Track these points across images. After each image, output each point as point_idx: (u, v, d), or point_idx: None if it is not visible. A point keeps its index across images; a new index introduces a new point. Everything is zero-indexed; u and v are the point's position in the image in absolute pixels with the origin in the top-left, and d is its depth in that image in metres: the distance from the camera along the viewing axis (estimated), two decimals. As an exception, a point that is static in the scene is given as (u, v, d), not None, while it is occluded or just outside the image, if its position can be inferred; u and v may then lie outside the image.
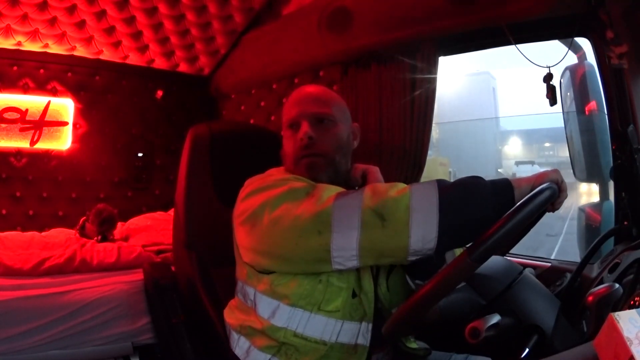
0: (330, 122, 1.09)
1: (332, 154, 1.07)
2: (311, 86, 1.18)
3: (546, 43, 1.67)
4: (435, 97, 1.89)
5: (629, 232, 1.27)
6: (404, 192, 0.87)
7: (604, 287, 0.74)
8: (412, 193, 0.86)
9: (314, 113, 1.08)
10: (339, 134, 1.09)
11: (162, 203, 2.96)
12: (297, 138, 1.07)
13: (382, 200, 0.86)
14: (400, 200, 0.85)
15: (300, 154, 1.06)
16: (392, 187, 0.89)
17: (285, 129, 1.11)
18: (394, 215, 0.85)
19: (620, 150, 1.37)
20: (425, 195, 0.85)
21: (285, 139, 1.11)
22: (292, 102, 1.12)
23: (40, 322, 1.85)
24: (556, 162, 18.25)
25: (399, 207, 0.85)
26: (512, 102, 19.86)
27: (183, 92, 3.11)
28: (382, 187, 0.90)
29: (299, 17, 2.31)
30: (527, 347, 0.78)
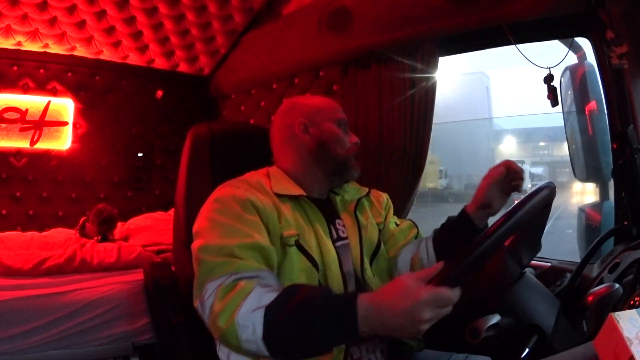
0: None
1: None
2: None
3: (546, 43, 1.67)
4: (435, 97, 1.89)
5: (629, 232, 1.27)
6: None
7: (604, 287, 0.74)
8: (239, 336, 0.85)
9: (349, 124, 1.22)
10: None
11: (162, 203, 2.96)
12: (350, 139, 1.18)
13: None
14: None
15: (351, 153, 1.17)
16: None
17: (338, 124, 1.18)
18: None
19: (620, 150, 1.37)
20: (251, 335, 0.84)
21: (337, 131, 1.17)
22: (339, 107, 1.22)
23: (40, 322, 1.86)
24: (550, 161, 18.27)
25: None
26: (506, 101, 19.85)
27: (183, 92, 3.11)
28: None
29: (299, 17, 2.31)
30: (527, 347, 0.78)
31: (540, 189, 0.87)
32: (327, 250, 1.05)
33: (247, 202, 0.99)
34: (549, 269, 1.54)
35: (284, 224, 1.02)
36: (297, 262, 1.00)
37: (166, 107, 3.10)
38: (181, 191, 1.50)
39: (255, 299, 0.84)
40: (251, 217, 0.97)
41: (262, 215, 0.99)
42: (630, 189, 1.31)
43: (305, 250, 1.02)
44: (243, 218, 0.97)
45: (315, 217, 1.09)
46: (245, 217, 0.97)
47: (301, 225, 1.05)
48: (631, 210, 1.29)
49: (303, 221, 1.06)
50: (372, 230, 1.18)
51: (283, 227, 1.01)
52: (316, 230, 1.07)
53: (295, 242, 1.01)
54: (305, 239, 1.04)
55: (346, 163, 1.16)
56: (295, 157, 1.16)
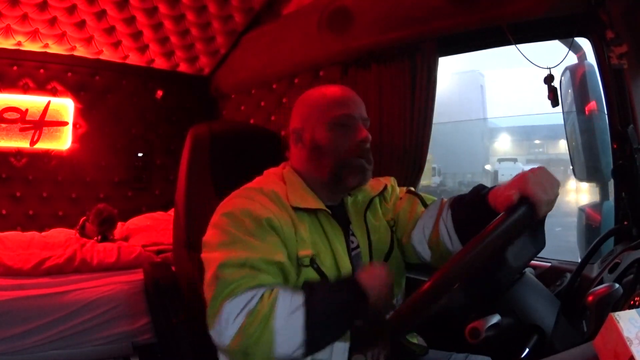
0: (367, 129, 1.08)
1: (372, 160, 1.08)
2: (349, 88, 1.14)
3: (545, 43, 1.67)
4: (435, 97, 1.89)
5: (629, 232, 1.27)
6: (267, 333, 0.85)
7: (604, 287, 0.74)
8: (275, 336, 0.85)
9: (364, 119, 1.08)
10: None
11: (162, 203, 2.96)
12: (352, 137, 1.04)
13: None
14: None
15: (357, 154, 1.03)
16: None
17: (333, 124, 1.04)
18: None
19: (620, 150, 1.37)
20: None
21: (331, 134, 1.04)
22: (342, 99, 1.07)
23: (40, 322, 1.86)
24: (545, 159, 18.28)
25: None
26: (501, 100, 19.85)
27: (183, 92, 3.11)
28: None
29: (299, 17, 2.31)
30: (527, 347, 0.78)
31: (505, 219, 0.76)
32: (343, 265, 1.01)
33: (264, 223, 0.93)
34: (549, 269, 1.54)
35: (299, 242, 0.97)
36: (311, 278, 0.97)
37: (166, 107, 3.10)
38: (181, 191, 1.50)
39: (286, 303, 0.87)
40: (270, 238, 0.93)
41: (280, 235, 0.95)
42: (630, 189, 1.31)
43: (321, 269, 0.98)
44: (261, 237, 0.93)
45: (333, 230, 1.03)
46: (264, 236, 0.93)
47: (317, 242, 1.00)
48: (631, 210, 1.29)
49: (319, 237, 1.01)
50: (383, 232, 1.12)
51: (299, 245, 0.97)
52: (333, 245, 1.02)
53: (310, 261, 0.97)
54: (321, 257, 0.99)
55: (342, 169, 1.03)
56: (299, 162, 1.10)
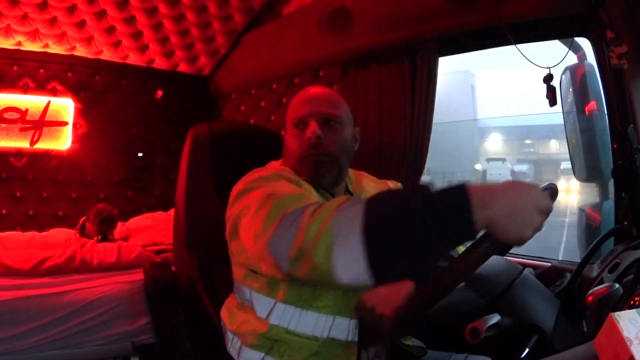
0: (337, 123, 1.08)
1: (337, 155, 1.07)
2: (319, 87, 1.17)
3: (544, 43, 1.67)
4: (435, 97, 1.89)
5: (629, 232, 1.27)
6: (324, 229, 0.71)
7: (604, 287, 0.74)
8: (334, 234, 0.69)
9: (323, 113, 1.07)
10: (344, 136, 1.10)
11: (162, 203, 2.96)
12: (304, 137, 1.06)
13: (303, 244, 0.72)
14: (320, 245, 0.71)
15: (307, 153, 1.05)
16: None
17: (291, 127, 1.09)
18: (315, 256, 0.71)
19: (620, 150, 1.37)
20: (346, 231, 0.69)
21: (290, 137, 1.09)
22: (300, 101, 1.11)
23: (40, 322, 1.85)
24: (536, 159, 18.26)
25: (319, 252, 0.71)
26: (492, 100, 19.82)
27: (183, 92, 3.11)
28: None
29: (299, 17, 2.31)
30: (527, 347, 0.78)
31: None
32: None
33: (294, 181, 0.97)
34: (549, 269, 1.54)
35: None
36: None
37: (166, 107, 3.10)
38: (181, 191, 1.50)
39: (351, 202, 0.72)
40: (306, 192, 0.94)
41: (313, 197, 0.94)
42: (630, 189, 1.31)
43: None
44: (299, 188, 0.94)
45: None
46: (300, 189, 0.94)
47: None
48: (631, 210, 1.29)
49: None
50: None
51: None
52: None
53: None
54: None
55: (297, 169, 1.06)
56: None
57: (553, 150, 17.44)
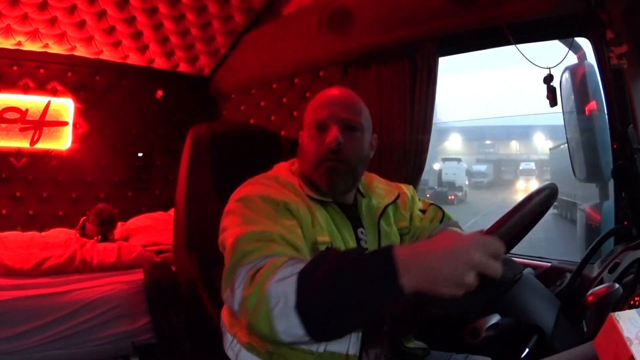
0: (358, 131, 1.06)
1: (355, 163, 1.05)
2: (342, 89, 1.13)
3: (542, 43, 1.67)
4: (435, 97, 1.89)
5: (629, 232, 1.27)
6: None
7: (604, 287, 0.74)
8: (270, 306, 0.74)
9: (345, 119, 1.04)
10: (363, 144, 1.08)
11: (162, 203, 2.96)
12: (323, 140, 1.03)
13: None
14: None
15: (324, 157, 1.02)
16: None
17: (310, 128, 1.06)
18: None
19: (620, 150, 1.37)
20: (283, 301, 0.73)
21: (308, 138, 1.06)
22: (322, 102, 1.07)
23: (40, 322, 1.86)
24: (496, 159, 18.27)
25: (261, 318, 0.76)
26: (454, 104, 19.80)
27: (183, 92, 3.11)
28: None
29: (299, 17, 2.31)
30: (527, 347, 0.78)
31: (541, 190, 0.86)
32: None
33: (281, 206, 0.93)
34: (549, 269, 1.54)
35: (317, 228, 0.97)
36: None
37: (166, 107, 3.10)
38: (181, 191, 1.50)
39: (287, 269, 0.76)
40: (288, 222, 0.92)
41: (297, 219, 0.94)
42: (630, 189, 1.31)
43: None
44: (277, 219, 0.91)
45: (343, 224, 1.04)
46: (280, 218, 0.91)
47: (333, 231, 1.00)
48: (631, 210, 1.29)
49: (332, 226, 1.01)
50: (393, 239, 1.12)
51: (317, 232, 0.96)
52: (344, 237, 1.02)
53: (328, 249, 0.95)
54: (336, 245, 0.99)
55: (312, 173, 1.03)
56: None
57: (513, 151, 17.55)
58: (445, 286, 0.66)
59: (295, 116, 2.50)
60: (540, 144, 13.09)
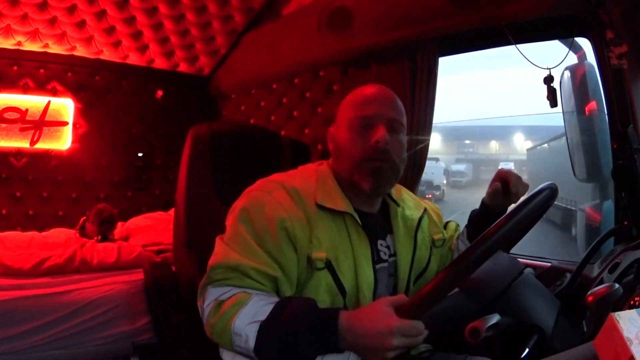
0: (401, 133, 1.03)
1: (398, 163, 1.02)
2: (383, 87, 1.08)
3: (540, 43, 1.68)
4: (435, 97, 1.89)
5: (629, 232, 1.27)
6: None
7: (604, 287, 0.74)
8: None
9: (391, 119, 1.01)
10: (404, 145, 1.05)
11: (162, 203, 2.96)
12: (368, 139, 0.98)
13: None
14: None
15: (370, 157, 0.98)
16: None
17: (351, 125, 1.01)
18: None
19: (620, 150, 1.37)
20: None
21: (349, 135, 1.01)
22: (365, 99, 1.03)
23: (40, 322, 1.86)
24: (475, 158, 18.28)
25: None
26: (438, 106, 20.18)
27: (183, 92, 3.11)
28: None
29: (299, 17, 2.31)
30: (527, 347, 0.78)
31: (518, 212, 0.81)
32: (363, 275, 0.98)
33: (276, 225, 0.93)
34: (549, 269, 1.54)
35: (314, 243, 0.94)
36: (324, 284, 0.95)
37: (166, 107, 3.10)
38: (181, 191, 1.50)
39: (251, 311, 0.88)
40: (275, 243, 0.93)
41: (290, 236, 0.93)
42: (630, 189, 1.31)
43: (336, 274, 0.95)
44: (266, 242, 0.93)
45: (359, 238, 0.99)
46: (268, 240, 0.93)
47: (337, 245, 0.97)
48: (631, 210, 1.29)
49: (341, 241, 0.98)
50: (424, 250, 1.11)
51: (313, 247, 0.94)
52: (355, 252, 0.98)
53: (325, 263, 0.95)
54: (339, 261, 0.96)
55: (355, 172, 0.99)
56: (332, 161, 1.07)
57: (492, 151, 17.61)
58: (370, 356, 0.83)
59: (295, 116, 2.50)
60: (519, 144, 13.19)
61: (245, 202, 0.98)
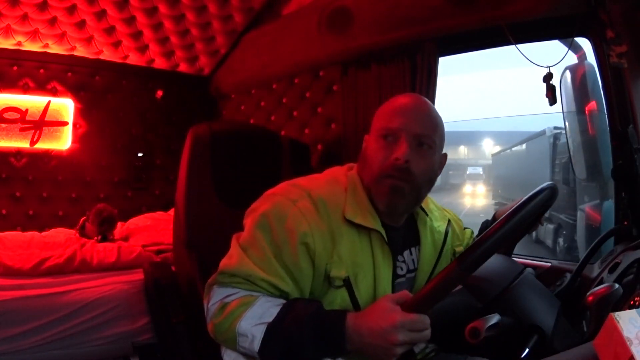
0: (429, 148, 0.96)
1: (420, 183, 0.95)
2: (419, 98, 1.02)
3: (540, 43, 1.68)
4: (435, 97, 1.89)
5: (629, 232, 1.27)
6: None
7: (604, 287, 0.74)
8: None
9: (417, 133, 0.94)
10: (433, 164, 0.98)
11: (162, 203, 2.96)
12: (390, 153, 0.93)
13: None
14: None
15: (388, 173, 0.93)
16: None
17: (378, 136, 0.97)
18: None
19: (620, 150, 1.37)
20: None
21: (375, 146, 0.96)
22: (394, 110, 0.98)
23: (40, 322, 1.86)
24: (453, 164, 18.21)
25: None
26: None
27: (183, 92, 3.11)
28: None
29: (299, 17, 2.31)
30: (527, 347, 0.78)
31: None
32: (381, 293, 0.94)
33: (297, 238, 0.89)
34: (549, 269, 1.54)
35: (335, 260, 0.91)
36: (339, 299, 0.93)
37: (166, 107, 3.10)
38: (181, 191, 1.50)
39: (258, 312, 0.88)
40: (293, 258, 0.90)
41: (310, 252, 0.90)
42: (630, 189, 1.31)
43: (353, 292, 0.93)
44: (284, 255, 0.90)
45: (383, 255, 0.96)
46: (287, 255, 0.90)
47: (360, 262, 0.94)
48: (631, 210, 1.29)
49: (365, 258, 0.94)
50: (444, 264, 1.07)
51: (334, 263, 0.91)
52: (377, 270, 0.95)
53: (344, 281, 0.92)
54: (359, 279, 0.93)
55: (372, 188, 0.95)
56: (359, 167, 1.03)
57: (461, 156, 17.57)
58: (377, 355, 0.83)
59: (295, 116, 2.50)
60: (488, 149, 13.18)
61: (267, 208, 0.93)
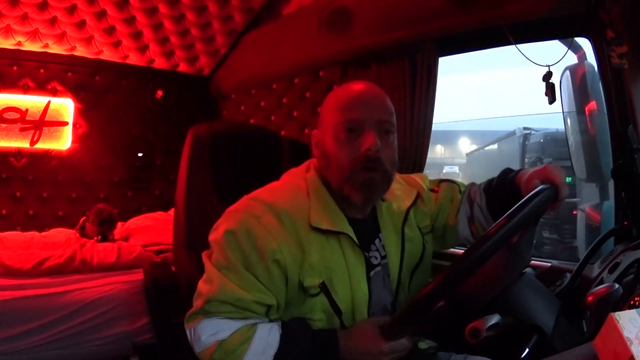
0: (392, 134, 0.95)
1: (390, 170, 0.94)
2: (368, 83, 0.99)
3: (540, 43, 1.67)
4: (435, 97, 1.89)
5: (629, 232, 1.27)
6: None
7: (604, 287, 0.74)
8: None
9: (381, 121, 0.92)
10: (396, 147, 0.96)
11: (162, 203, 2.96)
12: (357, 146, 0.90)
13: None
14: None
15: (360, 166, 0.90)
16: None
17: (338, 130, 0.92)
18: None
19: (620, 150, 1.37)
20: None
21: (336, 142, 0.92)
22: (353, 100, 0.93)
23: (40, 322, 1.86)
24: (430, 163, 18.14)
25: None
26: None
27: (183, 92, 3.11)
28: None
29: (299, 17, 2.31)
30: (527, 347, 0.78)
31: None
32: (359, 292, 0.94)
33: (267, 257, 0.88)
34: (549, 269, 1.54)
35: (306, 269, 0.90)
36: (319, 305, 0.93)
37: (166, 107, 3.11)
38: (181, 191, 1.50)
39: (259, 346, 0.89)
40: (267, 275, 0.89)
41: (281, 267, 0.89)
42: (630, 189, 1.31)
43: (331, 296, 0.92)
44: (258, 270, 0.89)
45: (354, 255, 0.94)
46: (261, 269, 0.89)
47: (332, 266, 0.92)
48: (631, 210, 1.29)
49: (336, 261, 0.93)
50: (417, 243, 1.05)
51: (306, 273, 0.90)
52: (351, 269, 0.94)
53: (320, 287, 0.91)
54: (334, 282, 0.92)
55: (344, 185, 0.92)
56: (319, 167, 0.99)
57: (438, 155, 17.64)
58: None
59: (295, 116, 2.50)
60: (465, 148, 13.24)
61: (232, 226, 0.90)
